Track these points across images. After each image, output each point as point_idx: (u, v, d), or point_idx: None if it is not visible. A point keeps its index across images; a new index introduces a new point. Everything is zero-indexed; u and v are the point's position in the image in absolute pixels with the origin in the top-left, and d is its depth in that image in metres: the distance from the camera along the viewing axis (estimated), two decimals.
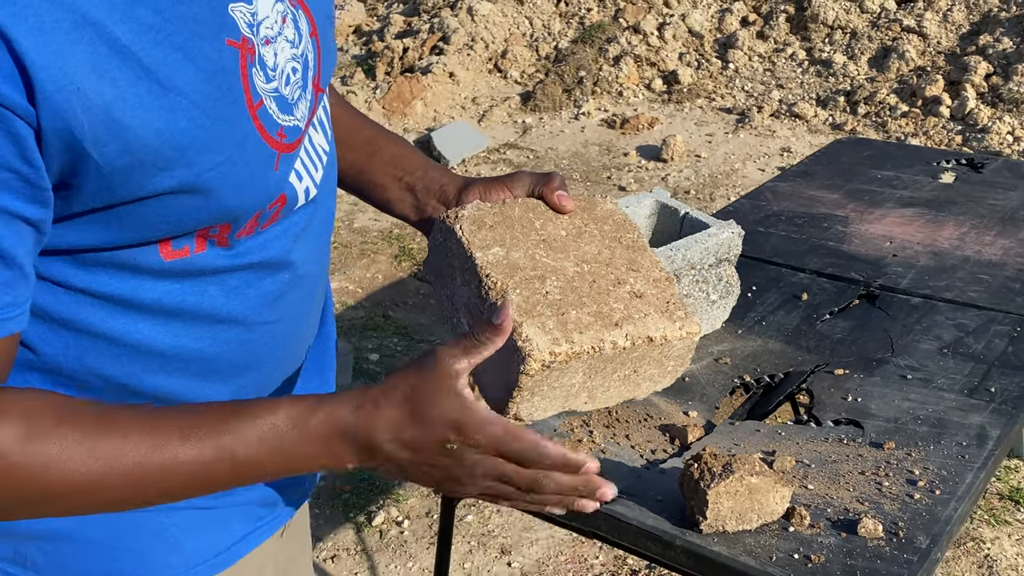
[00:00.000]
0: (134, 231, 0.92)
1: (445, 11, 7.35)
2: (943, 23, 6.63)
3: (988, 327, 2.00)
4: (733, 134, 6.13)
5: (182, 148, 0.87)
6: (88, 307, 0.96)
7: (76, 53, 0.80)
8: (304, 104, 1.02)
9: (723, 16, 7.24)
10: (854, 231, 2.45)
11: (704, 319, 1.98)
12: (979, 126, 5.72)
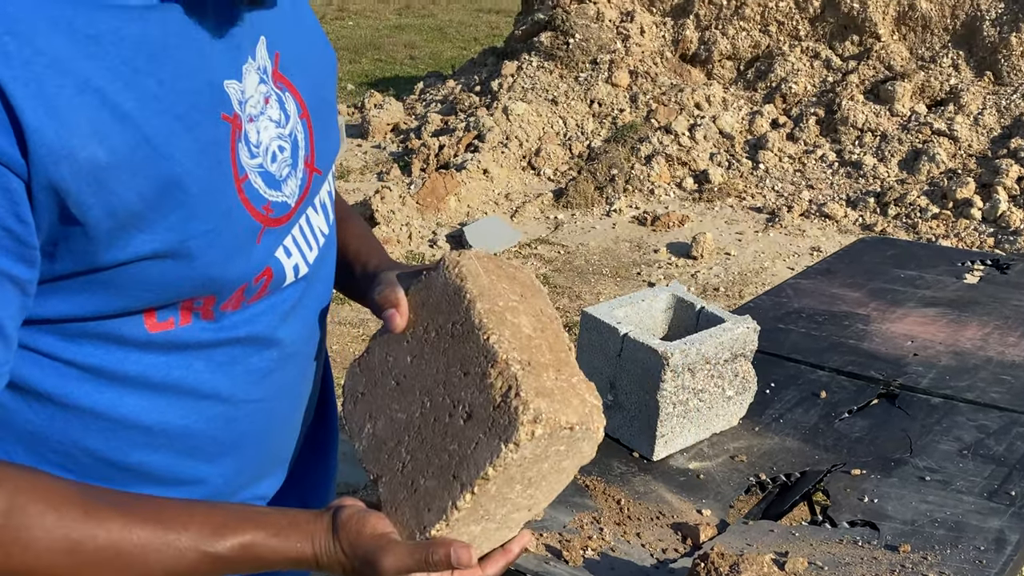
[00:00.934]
0: (119, 299, 0.92)
1: (481, 110, 7.44)
2: (974, 126, 6.67)
3: (1010, 429, 1.98)
4: (763, 233, 6.12)
5: (166, 213, 0.89)
6: (74, 380, 0.96)
7: (76, 117, 0.82)
8: (294, 182, 1.03)
9: (753, 118, 7.30)
10: (875, 330, 2.45)
11: (720, 415, 1.98)
12: (1011, 228, 5.70)
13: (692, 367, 1.86)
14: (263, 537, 0.96)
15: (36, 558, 0.86)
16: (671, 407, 1.87)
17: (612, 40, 7.93)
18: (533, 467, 1.01)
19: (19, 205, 0.82)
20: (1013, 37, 6.94)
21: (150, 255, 0.90)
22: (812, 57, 7.63)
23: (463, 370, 1.02)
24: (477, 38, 13.47)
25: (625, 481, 1.82)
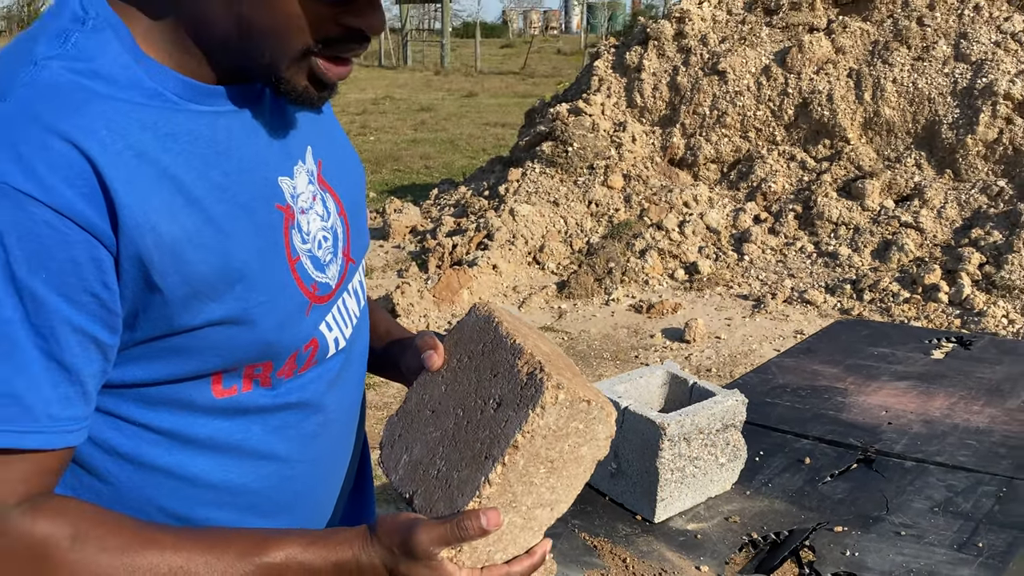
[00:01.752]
0: (190, 363, 0.96)
1: (490, 212, 7.47)
2: (938, 219, 6.70)
3: (976, 488, 1.97)
4: (750, 318, 6.12)
5: (232, 284, 0.93)
6: (149, 443, 0.99)
7: (155, 199, 0.87)
8: (335, 267, 1.08)
9: (737, 215, 7.33)
10: (852, 402, 2.44)
11: (714, 480, 1.97)
12: (976, 310, 5.71)
13: (687, 436, 1.86)
14: (305, 545, 0.96)
15: None
16: (669, 473, 1.86)
17: (607, 148, 7.98)
18: (556, 445, 1.03)
19: (107, 274, 0.86)
20: (968, 139, 6.99)
21: (217, 321, 0.94)
22: (788, 159, 7.69)
23: (493, 372, 1.06)
24: (485, 148, 13.55)
25: (630, 542, 1.81)
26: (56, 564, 0.86)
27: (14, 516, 0.85)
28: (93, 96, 0.86)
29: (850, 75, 7.66)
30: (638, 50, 8.61)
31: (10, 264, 0.82)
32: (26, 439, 0.84)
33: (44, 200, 0.81)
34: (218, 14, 0.90)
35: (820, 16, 8.16)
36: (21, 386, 0.84)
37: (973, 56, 7.32)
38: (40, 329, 0.84)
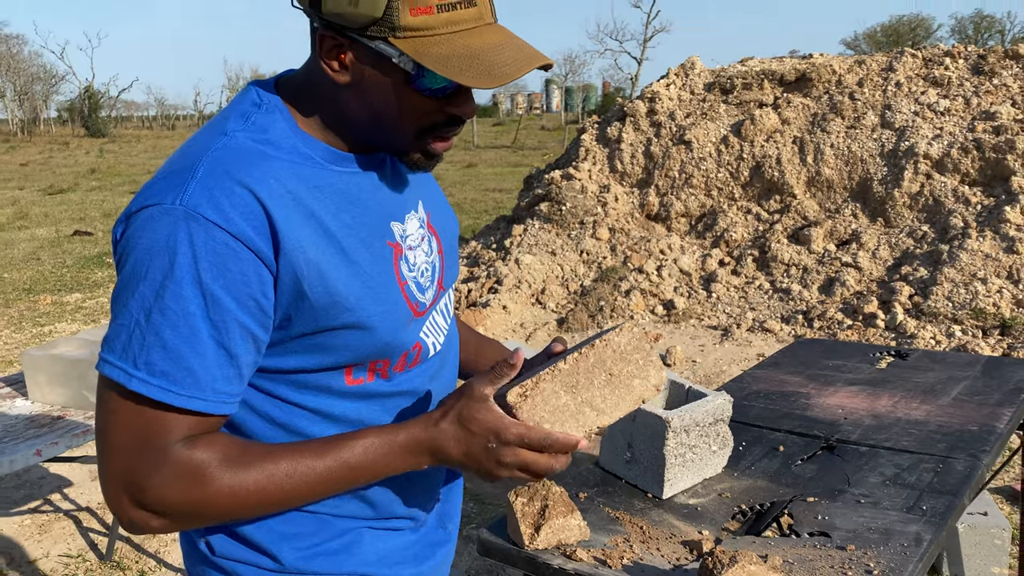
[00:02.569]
0: (329, 356, 1.03)
1: (498, 262, 7.42)
2: (873, 259, 6.70)
3: (918, 466, 2.03)
4: (719, 344, 6.12)
5: (358, 298, 1.02)
6: (298, 416, 1.06)
7: (305, 230, 0.97)
8: (431, 292, 1.16)
9: (705, 259, 7.31)
10: (815, 403, 2.49)
11: (709, 464, 2.01)
12: (908, 333, 5.73)
13: (687, 429, 1.92)
14: (377, 432, 1.01)
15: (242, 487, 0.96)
16: (673, 458, 1.92)
17: (594, 206, 7.96)
18: (618, 363, 1.06)
19: (266, 287, 0.95)
20: (896, 192, 7.00)
21: (347, 325, 1.01)
22: (746, 212, 7.68)
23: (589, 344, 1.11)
24: (486, 210, 13.57)
25: (644, 514, 1.86)
26: (210, 478, 0.94)
27: (177, 447, 0.93)
28: (265, 157, 0.97)
29: (795, 142, 7.69)
30: (617, 125, 8.63)
31: (198, 271, 0.91)
32: (193, 403, 0.93)
33: (226, 227, 0.91)
34: (354, 108, 1.01)
35: (768, 94, 8.22)
36: (196, 364, 0.92)
37: (896, 124, 7.36)
38: (215, 322, 0.92)
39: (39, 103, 62.37)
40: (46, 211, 15.27)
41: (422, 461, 1.02)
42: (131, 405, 0.92)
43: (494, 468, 1.00)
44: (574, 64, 57.95)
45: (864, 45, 49.44)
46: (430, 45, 0.93)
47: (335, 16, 0.94)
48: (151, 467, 0.92)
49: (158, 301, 0.91)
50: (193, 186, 0.93)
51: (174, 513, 0.94)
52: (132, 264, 0.93)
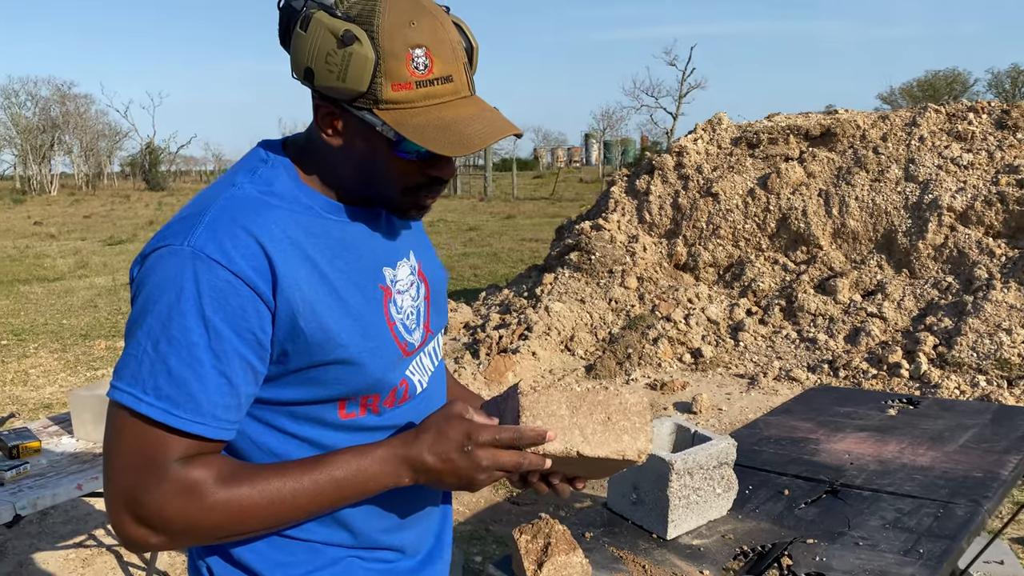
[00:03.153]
0: (322, 389, 1.07)
1: (529, 309, 7.45)
2: (898, 309, 6.65)
3: (919, 510, 2.03)
4: (746, 393, 6.06)
5: (349, 335, 1.07)
6: (294, 446, 1.10)
7: (301, 272, 1.03)
8: (418, 333, 1.20)
9: (732, 309, 7.30)
10: (823, 448, 2.49)
11: (713, 506, 2.03)
12: (932, 383, 5.66)
13: (691, 471, 1.95)
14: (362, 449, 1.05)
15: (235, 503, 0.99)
16: (677, 500, 1.94)
17: (623, 256, 8.00)
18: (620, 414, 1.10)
19: (264, 322, 1.00)
20: (920, 243, 6.98)
21: (339, 360, 1.06)
22: (773, 263, 7.67)
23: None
24: (523, 259, 13.66)
25: (648, 553, 1.88)
26: (204, 493, 0.98)
27: (175, 466, 0.97)
28: (268, 206, 1.05)
29: (820, 194, 7.69)
30: (646, 178, 8.70)
31: (202, 305, 0.97)
32: (193, 426, 0.98)
33: (227, 266, 0.98)
34: (346, 168, 1.09)
35: (794, 148, 8.24)
36: (199, 390, 0.97)
37: (920, 177, 7.34)
38: (217, 352, 0.98)
39: (103, 158, 64.27)
40: (105, 261, 15.68)
41: (402, 473, 1.05)
42: (137, 427, 0.97)
43: (473, 471, 1.03)
44: (611, 119, 58.41)
45: (900, 100, 49.11)
46: (409, 116, 1.01)
47: (327, 89, 1.02)
48: (151, 484, 0.97)
49: (165, 332, 0.97)
50: (200, 230, 1.00)
51: (171, 529, 0.97)
52: (143, 298, 0.99)
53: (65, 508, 4.19)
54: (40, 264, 15.26)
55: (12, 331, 9.03)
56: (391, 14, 1.00)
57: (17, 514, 2.22)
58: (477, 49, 1.09)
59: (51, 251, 17.56)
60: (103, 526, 4.03)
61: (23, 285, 12.58)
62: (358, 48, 0.99)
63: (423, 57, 1.00)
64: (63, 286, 12.43)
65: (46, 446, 2.71)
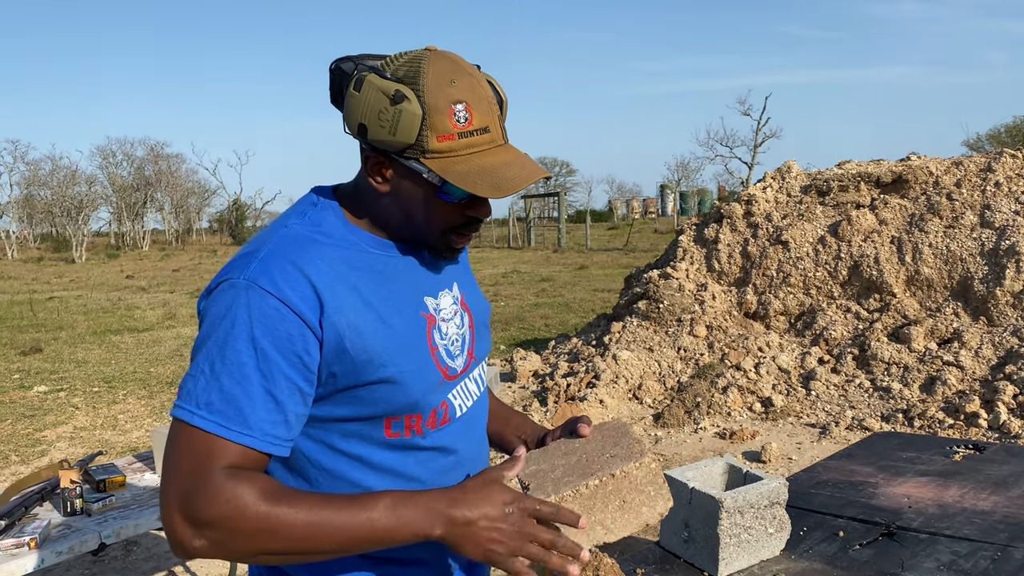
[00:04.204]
0: (367, 407, 1.16)
1: (597, 358, 7.48)
2: (975, 358, 6.49)
3: (976, 553, 2.00)
4: (817, 442, 5.96)
5: (391, 356, 1.16)
6: (343, 462, 1.18)
7: (347, 300, 1.14)
8: (461, 360, 1.29)
9: (804, 357, 7.22)
10: (881, 492, 2.47)
11: (765, 546, 2.04)
12: (1012, 433, 5.48)
13: (741, 510, 1.97)
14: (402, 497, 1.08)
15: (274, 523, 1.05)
16: (728, 538, 1.96)
17: (692, 304, 7.98)
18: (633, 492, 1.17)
19: (310, 346, 1.09)
20: (998, 291, 6.82)
21: (384, 379, 1.14)
22: (845, 311, 7.57)
23: (615, 443, 1.26)
24: (594, 309, 13.63)
25: None
26: (245, 505, 1.04)
27: (221, 475, 1.05)
28: (316, 243, 1.16)
29: (892, 242, 7.59)
30: (715, 226, 8.70)
31: (252, 329, 1.07)
32: (242, 438, 1.06)
33: (276, 295, 1.08)
34: (392, 211, 1.21)
35: (865, 195, 8.15)
36: (247, 406, 1.06)
37: (996, 223, 7.19)
38: (264, 373, 1.07)
39: (192, 215, 66.90)
40: (191, 312, 16.28)
41: (435, 526, 1.08)
42: (192, 438, 1.07)
43: (512, 537, 1.07)
44: (687, 169, 58.31)
45: (987, 145, 47.60)
46: (452, 164, 1.13)
47: (379, 142, 1.14)
48: (200, 489, 1.05)
49: (220, 354, 1.07)
50: (255, 264, 1.11)
51: (213, 534, 1.05)
52: (206, 326, 1.10)
53: (147, 545, 4.37)
54: (131, 315, 15.94)
55: (103, 379, 9.45)
56: (434, 74, 1.12)
57: (102, 542, 2.36)
58: (507, 102, 1.20)
59: (141, 303, 18.33)
60: (181, 563, 4.18)
61: (115, 335, 13.16)
62: (407, 106, 1.10)
63: (463, 111, 1.12)
64: (151, 336, 12.96)
65: (130, 481, 2.87)
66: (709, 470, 2.21)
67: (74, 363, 10.58)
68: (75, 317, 15.89)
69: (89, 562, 4.16)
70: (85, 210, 44.28)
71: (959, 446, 2.94)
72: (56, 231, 50.34)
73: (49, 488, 2.68)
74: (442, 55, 1.15)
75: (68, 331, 13.81)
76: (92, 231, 51.47)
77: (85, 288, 22.99)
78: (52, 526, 2.44)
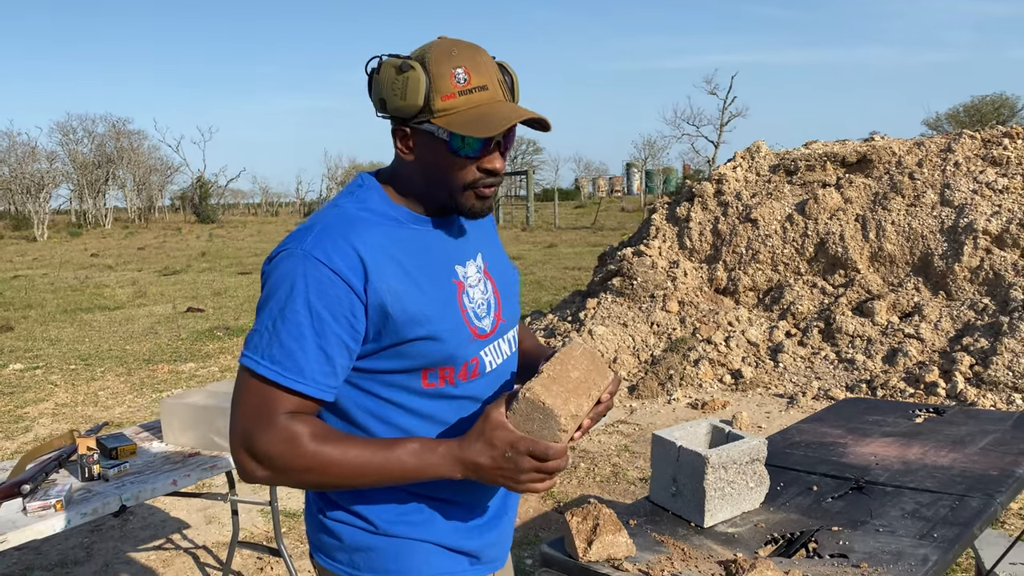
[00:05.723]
0: (407, 361, 1.32)
1: (573, 333, 7.61)
2: (935, 330, 6.71)
3: (936, 503, 2.17)
4: (785, 412, 6.13)
5: (428, 317, 1.32)
6: (387, 408, 1.35)
7: (388, 269, 1.30)
8: (489, 321, 1.44)
9: (772, 331, 7.39)
10: (850, 451, 2.63)
11: (746, 499, 2.18)
12: (968, 402, 5.71)
13: (725, 466, 2.11)
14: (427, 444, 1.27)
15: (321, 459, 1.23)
16: (713, 491, 2.10)
17: (664, 280, 8.12)
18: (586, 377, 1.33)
19: (356, 309, 1.25)
20: (956, 266, 7.03)
21: (422, 336, 1.31)
22: (811, 286, 7.75)
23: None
24: (565, 287, 13.73)
25: (686, 538, 2.03)
26: (300, 444, 1.23)
27: (283, 418, 1.23)
28: (364, 221, 1.31)
29: (857, 219, 7.78)
30: (686, 205, 8.85)
31: (308, 294, 1.23)
32: (296, 385, 1.23)
33: (328, 265, 1.24)
34: (419, 177, 1.37)
35: (831, 175, 8.35)
36: (302, 359, 1.23)
37: (956, 201, 7.41)
38: (317, 331, 1.24)
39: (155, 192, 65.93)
40: (162, 290, 16.21)
41: (455, 470, 1.27)
42: (255, 384, 1.24)
43: (515, 475, 1.26)
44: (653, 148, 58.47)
45: (946, 125, 48.19)
46: (455, 118, 1.28)
47: (395, 110, 1.30)
48: (262, 428, 1.23)
49: (280, 314, 1.24)
50: (311, 238, 1.27)
51: (273, 467, 1.24)
52: (268, 288, 1.27)
53: (143, 515, 4.49)
54: (100, 294, 15.84)
55: (79, 356, 9.46)
56: (437, 48, 1.29)
57: (123, 504, 2.49)
58: (517, 80, 1.36)
59: (110, 281, 18.18)
60: (179, 531, 4.31)
61: (86, 313, 13.10)
62: (412, 74, 1.27)
63: (463, 73, 1.28)
64: (123, 314, 12.92)
65: (140, 448, 3.00)
66: (695, 430, 2.36)
67: (47, 341, 10.56)
68: (43, 296, 15.74)
69: (87, 531, 4.27)
70: (47, 187, 43.51)
71: (921, 410, 3.13)
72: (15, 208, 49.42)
73: (65, 455, 2.79)
74: (448, 39, 1.31)
75: (37, 309, 13.71)
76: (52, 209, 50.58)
77: (50, 267, 22.71)
78: (73, 490, 2.56)
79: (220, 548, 4.09)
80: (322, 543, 1.44)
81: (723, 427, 2.34)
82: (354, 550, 1.40)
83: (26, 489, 2.45)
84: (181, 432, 3.01)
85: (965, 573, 3.44)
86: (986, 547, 3.20)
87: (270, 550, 3.35)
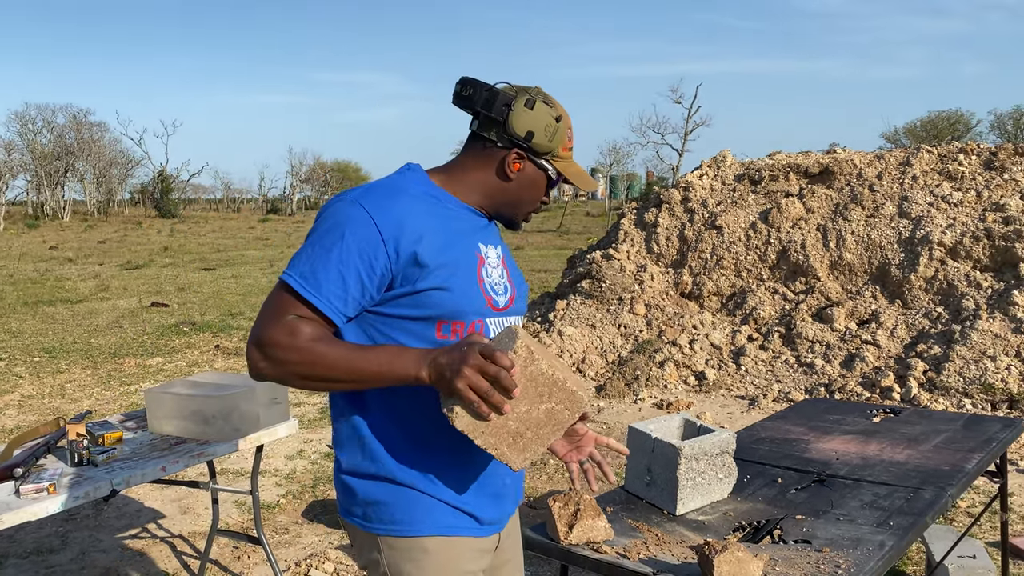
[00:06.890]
0: (424, 309, 1.49)
1: (543, 334, 7.67)
2: (891, 337, 6.90)
3: (892, 495, 2.32)
4: (747, 413, 6.26)
5: (450, 271, 1.50)
6: None
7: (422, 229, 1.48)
8: (503, 299, 1.61)
9: (735, 335, 7.54)
10: (812, 447, 2.78)
11: (716, 489, 2.31)
12: (922, 406, 5.89)
13: (696, 457, 2.24)
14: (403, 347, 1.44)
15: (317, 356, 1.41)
16: (685, 481, 2.22)
17: (632, 284, 8.23)
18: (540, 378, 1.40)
19: (379, 254, 1.44)
20: (912, 276, 7.23)
21: (440, 286, 1.48)
22: (773, 293, 7.91)
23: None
24: (532, 289, 13.87)
25: (660, 525, 2.15)
26: (299, 338, 1.42)
27: (291, 317, 1.43)
28: (407, 192, 1.53)
29: (819, 229, 7.96)
30: (654, 211, 9.00)
31: (344, 230, 1.44)
32: (312, 298, 1.43)
33: (368, 212, 1.46)
34: (509, 195, 1.63)
35: (794, 185, 8.54)
36: (323, 277, 1.43)
37: (913, 213, 7.62)
38: (342, 258, 1.43)
39: (115, 186, 64.90)
40: (125, 284, 16.05)
41: (420, 368, 1.40)
42: (282, 292, 1.46)
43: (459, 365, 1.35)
44: (618, 154, 58.80)
45: (904, 139, 49.17)
46: (566, 166, 1.64)
47: (536, 144, 1.58)
48: (272, 322, 1.44)
49: (320, 241, 1.46)
50: (361, 191, 1.51)
51: (271, 357, 1.42)
52: (316, 224, 1.50)
53: (118, 504, 4.51)
54: (62, 287, 15.63)
55: (43, 349, 9.37)
56: (563, 110, 1.62)
57: (114, 489, 2.55)
58: None
59: (71, 274, 17.95)
60: (154, 521, 4.34)
61: (47, 306, 12.95)
62: (560, 124, 1.60)
63: (570, 134, 1.65)
64: (87, 308, 12.79)
65: (125, 437, 3.05)
66: (668, 424, 2.48)
67: (8, 333, 10.43)
68: (2, 287, 15.51)
69: (62, 519, 4.29)
70: (3, 177, 42.67)
71: (878, 410, 3.30)
72: None
73: (53, 441, 2.85)
74: None
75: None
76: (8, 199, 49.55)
77: (8, 258, 22.32)
78: (63, 475, 2.62)
79: (196, 537, 4.13)
80: (343, 501, 1.61)
81: (695, 421, 2.47)
82: (367, 504, 1.56)
83: (19, 472, 2.50)
84: (166, 421, 3.07)
85: (916, 566, 3.61)
86: (936, 541, 3.37)
87: (250, 538, 3.42)
